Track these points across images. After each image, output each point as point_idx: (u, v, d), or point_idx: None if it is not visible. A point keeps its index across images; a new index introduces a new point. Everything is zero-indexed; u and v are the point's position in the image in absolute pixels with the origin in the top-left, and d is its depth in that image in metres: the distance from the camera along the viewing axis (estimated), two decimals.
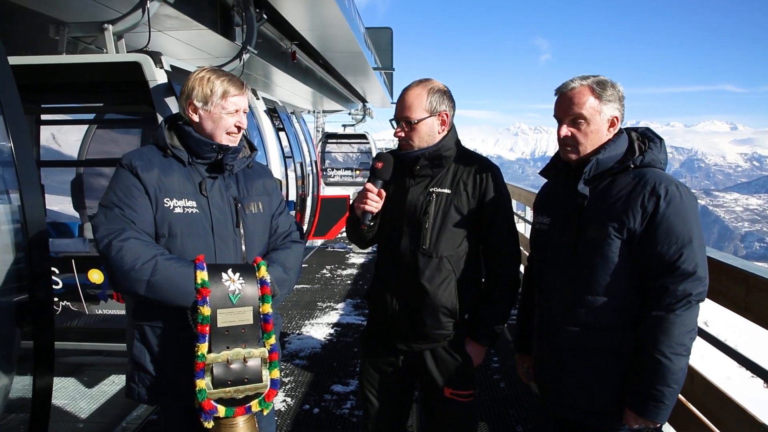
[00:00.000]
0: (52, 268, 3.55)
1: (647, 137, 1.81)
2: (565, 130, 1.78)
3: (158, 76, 3.51)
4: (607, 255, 1.71)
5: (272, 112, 6.66)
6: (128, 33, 4.20)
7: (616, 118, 1.78)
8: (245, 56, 5.85)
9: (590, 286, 1.74)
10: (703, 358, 1.75)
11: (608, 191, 1.74)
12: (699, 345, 1.84)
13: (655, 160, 1.76)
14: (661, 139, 1.81)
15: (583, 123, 1.75)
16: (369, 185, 2.04)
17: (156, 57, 3.80)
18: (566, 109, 1.77)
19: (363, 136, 13.53)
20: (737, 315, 2.23)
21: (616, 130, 1.79)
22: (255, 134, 6.09)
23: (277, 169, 6.68)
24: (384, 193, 2.04)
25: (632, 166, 1.75)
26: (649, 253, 1.67)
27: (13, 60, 3.27)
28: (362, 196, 2.04)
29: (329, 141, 13.61)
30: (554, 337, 1.83)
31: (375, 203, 2.02)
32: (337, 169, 12.73)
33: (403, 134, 2.04)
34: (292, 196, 7.43)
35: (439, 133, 2.05)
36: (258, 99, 6.54)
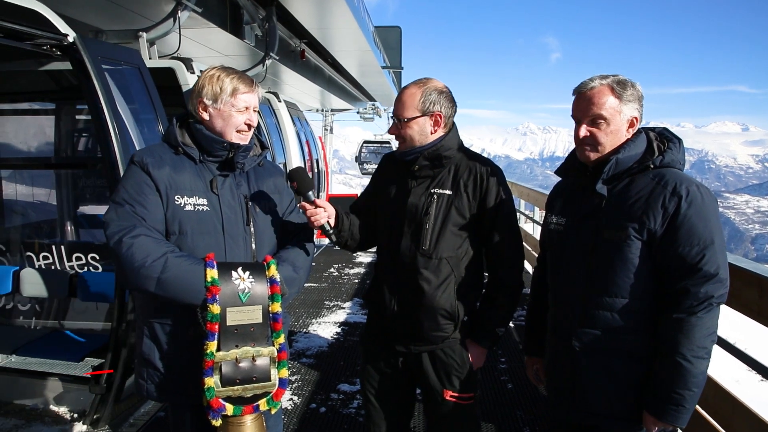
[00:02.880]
0: (94, 254, 4.07)
1: (666, 137, 1.79)
2: (584, 131, 1.75)
3: (190, 81, 3.69)
4: (626, 256, 1.68)
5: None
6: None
7: (636, 118, 1.75)
8: (267, 62, 6.21)
9: (608, 288, 1.72)
10: (712, 361, 1.72)
11: (627, 192, 1.72)
12: None
13: (674, 160, 1.74)
14: (679, 140, 1.78)
15: (602, 123, 1.72)
16: (301, 204, 1.96)
17: (188, 63, 4.05)
18: (585, 109, 1.74)
19: (388, 142, 18.73)
20: (746, 317, 2.20)
21: (635, 131, 1.77)
22: (274, 133, 6.35)
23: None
24: (319, 202, 1.94)
25: (652, 166, 1.72)
26: (670, 255, 1.64)
27: (54, 65, 3.48)
28: (308, 216, 1.96)
29: (365, 143, 19.26)
30: (570, 339, 1.80)
31: (319, 215, 1.94)
32: (369, 163, 18.21)
33: (396, 131, 2.05)
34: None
35: (431, 133, 2.03)
36: (280, 102, 6.78)
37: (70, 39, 2.86)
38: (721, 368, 2.73)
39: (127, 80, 3.23)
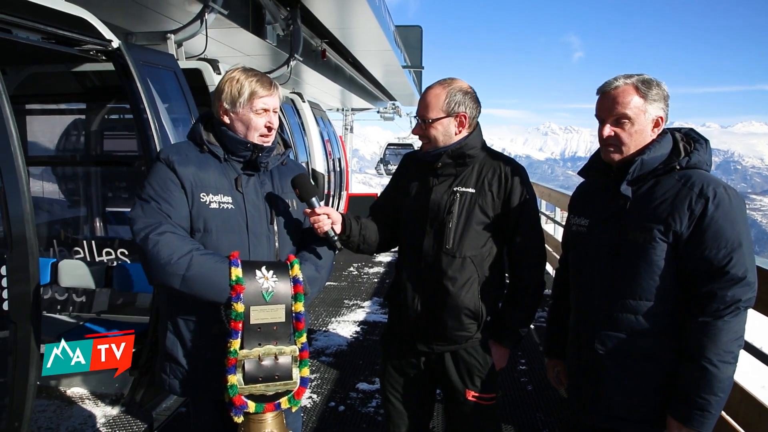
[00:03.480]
0: (123, 250, 4.27)
1: (692, 138, 1.76)
2: (608, 130, 1.72)
3: (217, 81, 3.80)
4: (651, 258, 1.66)
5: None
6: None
7: (661, 118, 1.72)
8: (292, 63, 6.44)
9: (633, 291, 1.70)
10: (738, 365, 1.69)
11: (652, 193, 1.69)
12: None
13: (701, 161, 1.70)
14: (706, 141, 1.74)
15: (627, 123, 1.70)
16: (305, 211, 1.93)
17: (214, 64, 4.14)
18: (609, 108, 1.72)
19: (410, 145, 19.97)
20: None
21: (660, 131, 1.74)
22: (297, 133, 6.53)
23: (320, 165, 7.09)
24: (323, 209, 1.90)
25: (677, 167, 1.69)
26: (697, 258, 1.61)
27: (85, 66, 3.60)
28: (312, 222, 1.94)
29: (389, 146, 20.70)
30: (593, 342, 1.78)
31: (322, 222, 1.90)
32: (392, 164, 19.19)
33: (420, 132, 2.05)
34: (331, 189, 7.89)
35: (456, 134, 2.02)
36: (304, 102, 6.96)
37: (115, 45, 3.06)
38: (748, 373, 2.68)
39: (164, 82, 3.43)
